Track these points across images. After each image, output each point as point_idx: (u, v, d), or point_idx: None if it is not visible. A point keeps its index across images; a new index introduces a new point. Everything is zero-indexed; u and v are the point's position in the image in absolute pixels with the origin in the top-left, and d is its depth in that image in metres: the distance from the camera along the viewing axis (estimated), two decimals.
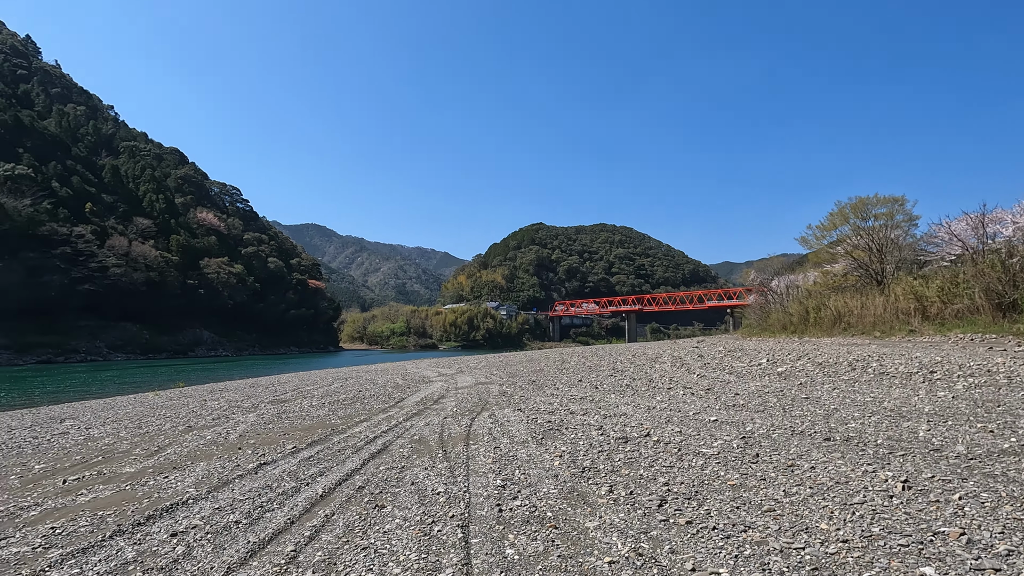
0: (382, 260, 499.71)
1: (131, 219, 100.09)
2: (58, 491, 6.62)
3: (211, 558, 4.15)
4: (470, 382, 18.55)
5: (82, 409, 19.28)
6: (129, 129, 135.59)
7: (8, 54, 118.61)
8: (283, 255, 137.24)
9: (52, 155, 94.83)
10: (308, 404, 14.55)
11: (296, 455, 7.87)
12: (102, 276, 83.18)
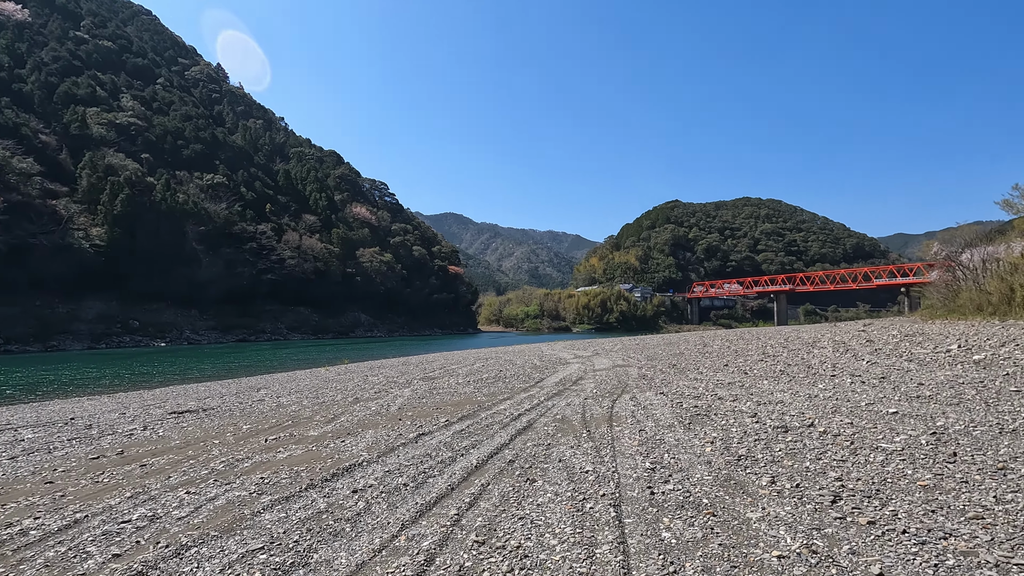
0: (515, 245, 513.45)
1: (301, 216, 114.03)
2: (262, 448, 7.83)
3: (387, 514, 4.63)
4: (607, 364, 18.42)
5: (271, 380, 22.58)
6: (296, 137, 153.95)
7: (205, 82, 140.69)
8: (425, 243, 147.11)
9: (240, 164, 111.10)
10: (455, 382, 15.53)
11: (449, 428, 8.45)
12: (280, 267, 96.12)
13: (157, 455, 7.82)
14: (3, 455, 8.82)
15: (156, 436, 9.65)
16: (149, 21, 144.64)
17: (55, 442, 9.74)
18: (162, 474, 6.58)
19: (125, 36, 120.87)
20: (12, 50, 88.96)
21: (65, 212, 70.63)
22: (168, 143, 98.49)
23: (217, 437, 9.03)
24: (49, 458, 8.34)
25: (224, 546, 4.11)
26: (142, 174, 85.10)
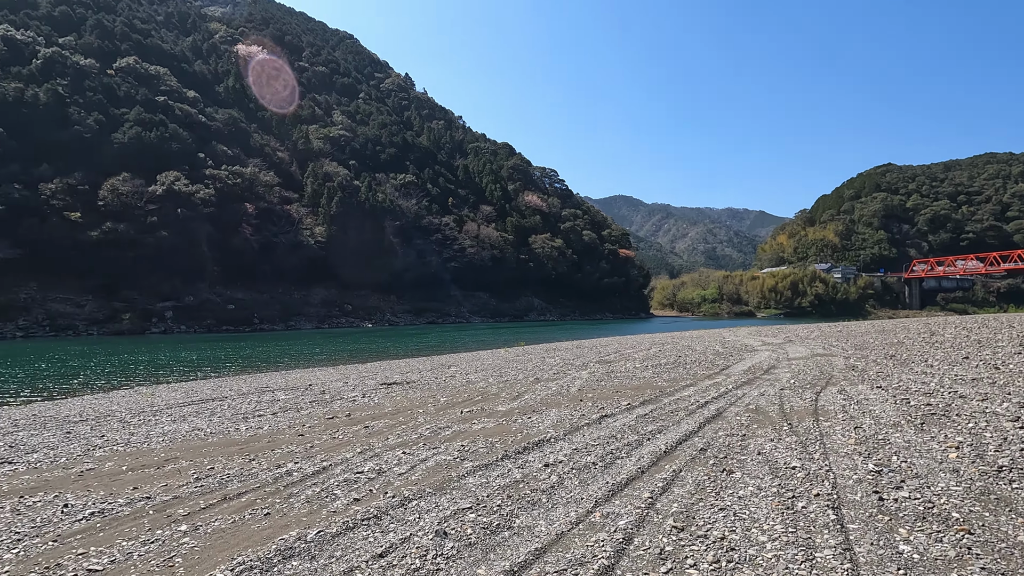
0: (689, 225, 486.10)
1: (478, 207, 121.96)
2: (459, 419, 8.60)
3: (579, 490, 4.75)
4: (803, 353, 16.53)
5: (458, 359, 24.67)
6: (473, 133, 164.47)
7: (395, 91, 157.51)
8: (595, 227, 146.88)
9: (426, 163, 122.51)
10: (632, 366, 15.30)
11: (631, 411, 8.36)
12: (462, 255, 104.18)
13: (376, 419, 9.07)
14: (268, 411, 11.02)
15: (373, 403, 11.19)
16: (352, 44, 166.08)
17: (301, 403, 11.88)
18: (381, 435, 7.60)
19: (334, 60, 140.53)
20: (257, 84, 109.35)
21: (296, 215, 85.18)
22: (369, 149, 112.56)
23: (421, 407, 10.15)
24: (298, 416, 10.19)
25: (438, 502, 4.60)
26: (350, 179, 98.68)
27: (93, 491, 5.60)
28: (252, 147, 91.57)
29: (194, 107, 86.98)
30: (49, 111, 67.99)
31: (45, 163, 64.11)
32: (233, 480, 5.67)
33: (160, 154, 72.74)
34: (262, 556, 3.64)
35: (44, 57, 73.75)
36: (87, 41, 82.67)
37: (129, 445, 8.27)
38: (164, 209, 67.77)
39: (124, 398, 16.37)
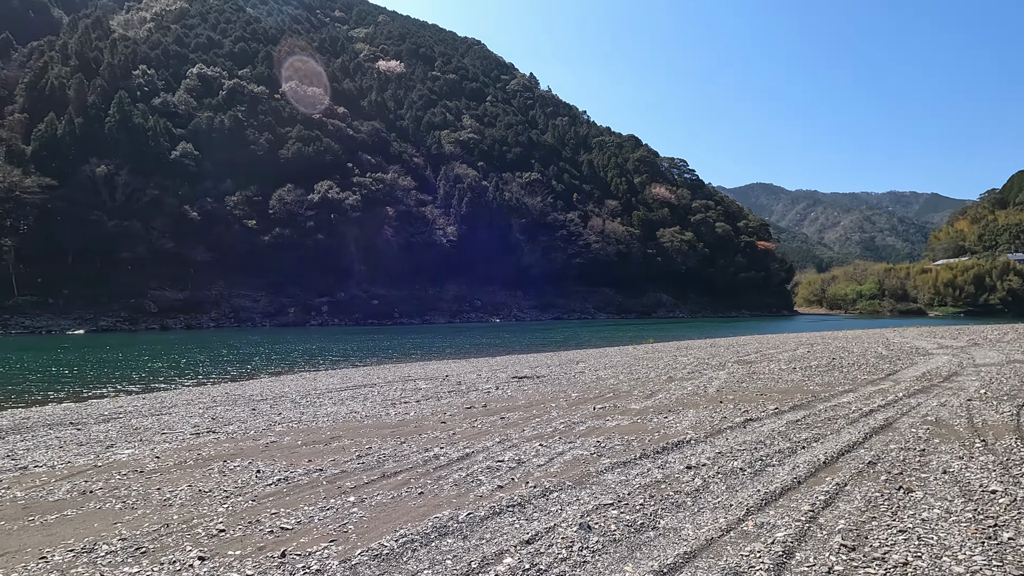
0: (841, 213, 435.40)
1: (603, 202, 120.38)
2: (592, 415, 8.58)
3: (726, 496, 4.50)
4: (995, 359, 14.06)
5: (586, 355, 24.61)
6: (597, 127, 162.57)
7: (520, 91, 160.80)
8: (729, 219, 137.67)
9: (551, 160, 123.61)
10: (776, 367, 14.13)
11: (780, 416, 7.73)
12: (586, 251, 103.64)
13: (510, 411, 9.37)
14: (412, 399, 11.91)
15: (506, 395, 11.59)
16: (479, 49, 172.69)
17: (440, 393, 12.66)
18: (517, 427, 7.85)
19: (464, 67, 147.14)
20: (395, 96, 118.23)
21: (431, 215, 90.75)
22: (496, 150, 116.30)
23: (552, 401, 10.30)
24: (439, 404, 10.88)
25: (578, 496, 4.65)
26: (479, 179, 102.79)
27: (277, 461, 6.47)
28: (392, 155, 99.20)
29: (343, 121, 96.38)
30: (232, 134, 79.55)
31: (228, 179, 75.15)
32: (389, 460, 6.21)
33: (316, 166, 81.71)
34: (420, 531, 3.95)
35: (228, 88, 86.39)
36: (259, 71, 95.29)
37: (301, 423, 9.43)
38: (320, 215, 76.05)
39: (292, 382, 18.68)
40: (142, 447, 7.88)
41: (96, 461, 7.04)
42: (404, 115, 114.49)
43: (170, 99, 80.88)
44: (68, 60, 76.69)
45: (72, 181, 63.08)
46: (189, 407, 12.55)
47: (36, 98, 71.00)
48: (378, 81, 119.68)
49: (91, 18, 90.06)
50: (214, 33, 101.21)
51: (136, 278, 63.45)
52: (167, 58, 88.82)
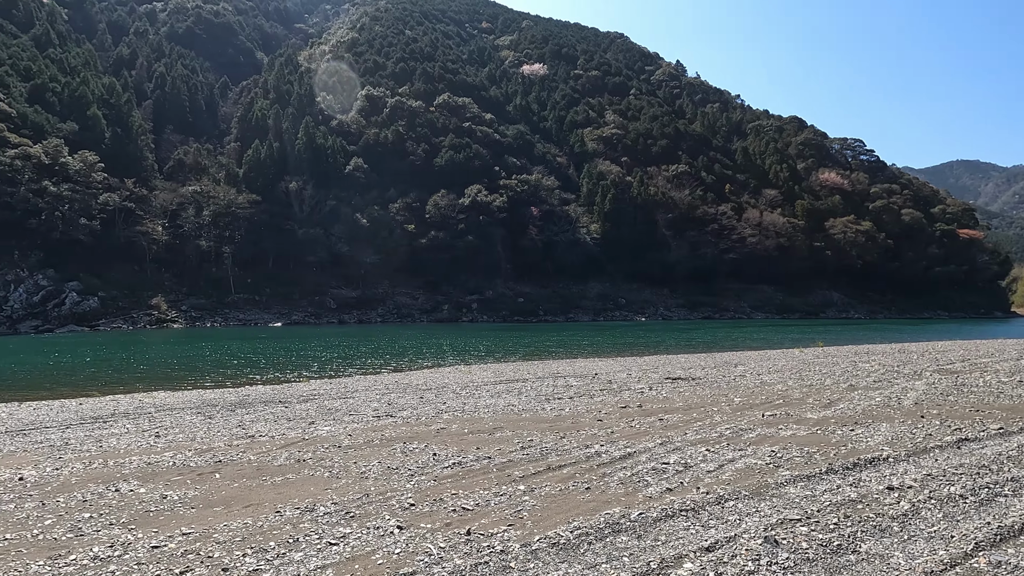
0: None
1: (760, 192, 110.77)
2: (761, 422, 7.97)
3: (945, 525, 3.90)
4: None
5: (744, 357, 22.88)
6: (753, 111, 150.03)
7: (666, 80, 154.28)
8: (919, 204, 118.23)
9: (699, 151, 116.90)
10: (994, 379, 11.83)
11: (1007, 438, 6.47)
12: (741, 245, 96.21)
13: (668, 413, 9.07)
14: (565, 395, 12.11)
15: (661, 396, 11.24)
16: (622, 42, 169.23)
17: (592, 391, 12.69)
18: (678, 429, 7.57)
19: (606, 62, 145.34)
20: (539, 98, 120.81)
21: (574, 214, 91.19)
22: (640, 144, 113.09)
23: (714, 405, 9.76)
24: (592, 402, 10.91)
25: (758, 507, 4.35)
26: (622, 175, 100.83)
27: (448, 446, 7.01)
28: (536, 156, 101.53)
29: (490, 127, 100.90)
30: (394, 147, 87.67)
31: (392, 188, 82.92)
32: (551, 453, 6.39)
33: (467, 171, 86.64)
34: (593, 525, 4.00)
35: (390, 106, 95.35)
36: (416, 88, 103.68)
37: (464, 412, 10.09)
38: (470, 218, 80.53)
39: (450, 374, 20.05)
40: (336, 426, 9.04)
41: (303, 435, 8.25)
42: (547, 116, 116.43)
43: (344, 120, 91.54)
44: (268, 94, 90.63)
45: (271, 196, 74.46)
46: (368, 393, 14.12)
47: (245, 128, 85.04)
48: (522, 85, 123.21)
49: (284, 56, 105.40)
50: (379, 57, 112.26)
51: (319, 278, 72.96)
52: (342, 83, 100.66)
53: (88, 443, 8.52)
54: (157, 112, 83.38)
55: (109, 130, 69.01)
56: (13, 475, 6.38)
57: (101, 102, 71.55)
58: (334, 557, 3.62)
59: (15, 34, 76.60)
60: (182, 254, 67.24)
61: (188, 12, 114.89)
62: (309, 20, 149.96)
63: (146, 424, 10.29)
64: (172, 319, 59.03)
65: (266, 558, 3.64)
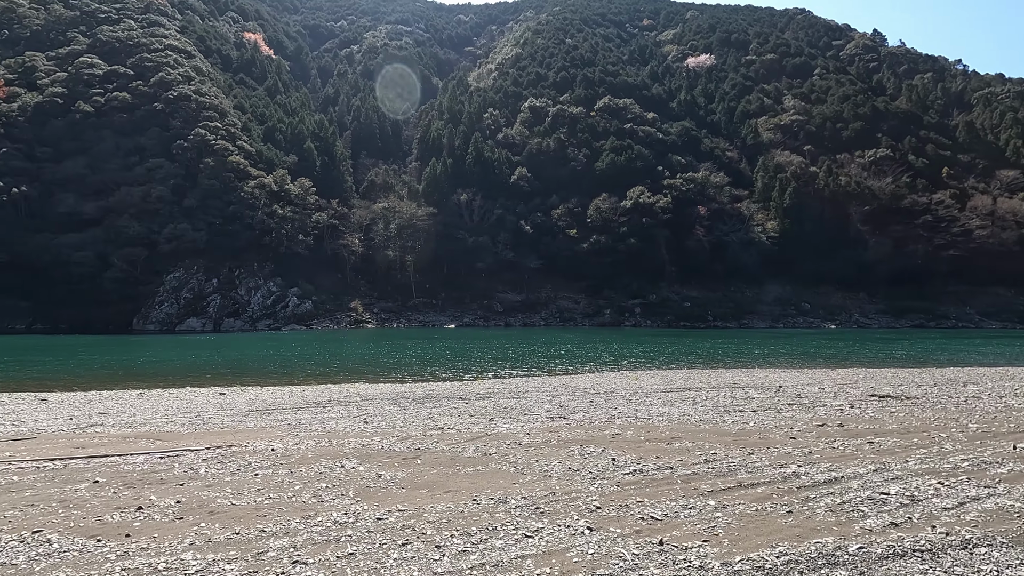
0: None
1: (992, 174, 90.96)
2: (1012, 456, 6.53)
3: None
4: None
5: (975, 375, 18.93)
6: (980, 77, 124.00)
7: (860, 54, 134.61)
8: None
9: (905, 131, 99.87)
10: None
11: None
12: (965, 240, 79.90)
13: (879, 435, 7.88)
14: (747, 407, 11.21)
15: (867, 416, 9.80)
16: (803, 18, 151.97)
17: (779, 405, 11.56)
18: (895, 456, 6.54)
19: (784, 43, 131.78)
20: (705, 91, 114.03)
21: (747, 212, 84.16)
22: (827, 129, 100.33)
23: (941, 431, 8.24)
24: (780, 417, 9.94)
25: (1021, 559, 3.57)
26: (805, 166, 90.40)
27: (626, 452, 6.93)
28: (702, 152, 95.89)
29: (652, 126, 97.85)
30: (555, 154, 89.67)
31: (554, 194, 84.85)
32: (739, 469, 5.97)
33: (628, 173, 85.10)
34: (803, 554, 3.65)
35: (552, 115, 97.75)
36: (577, 94, 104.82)
37: (636, 419, 9.91)
38: (632, 220, 78.88)
39: (616, 379, 19.81)
40: (514, 424, 9.51)
41: (486, 430, 8.82)
42: (715, 109, 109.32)
43: (509, 132, 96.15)
44: (442, 115, 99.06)
45: (446, 208, 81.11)
46: (538, 394, 14.60)
47: (424, 148, 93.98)
48: (686, 79, 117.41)
49: (455, 79, 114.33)
50: (540, 68, 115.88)
51: (487, 283, 77.47)
52: (507, 98, 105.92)
53: (315, 424, 10.12)
54: (355, 140, 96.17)
55: (319, 159, 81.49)
56: (267, 446, 7.83)
57: (313, 136, 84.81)
58: (531, 549, 3.81)
59: (253, 86, 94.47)
60: (374, 263, 76.48)
61: (378, 50, 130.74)
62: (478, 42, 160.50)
63: (355, 411, 11.88)
64: (366, 320, 67.47)
65: (471, 541, 3.97)
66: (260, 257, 67.95)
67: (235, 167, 68.66)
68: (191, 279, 63.49)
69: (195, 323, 59.93)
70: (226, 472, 6.23)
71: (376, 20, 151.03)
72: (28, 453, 7.73)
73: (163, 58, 77.68)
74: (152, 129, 69.76)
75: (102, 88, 71.76)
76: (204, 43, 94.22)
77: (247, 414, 11.77)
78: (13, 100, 67.97)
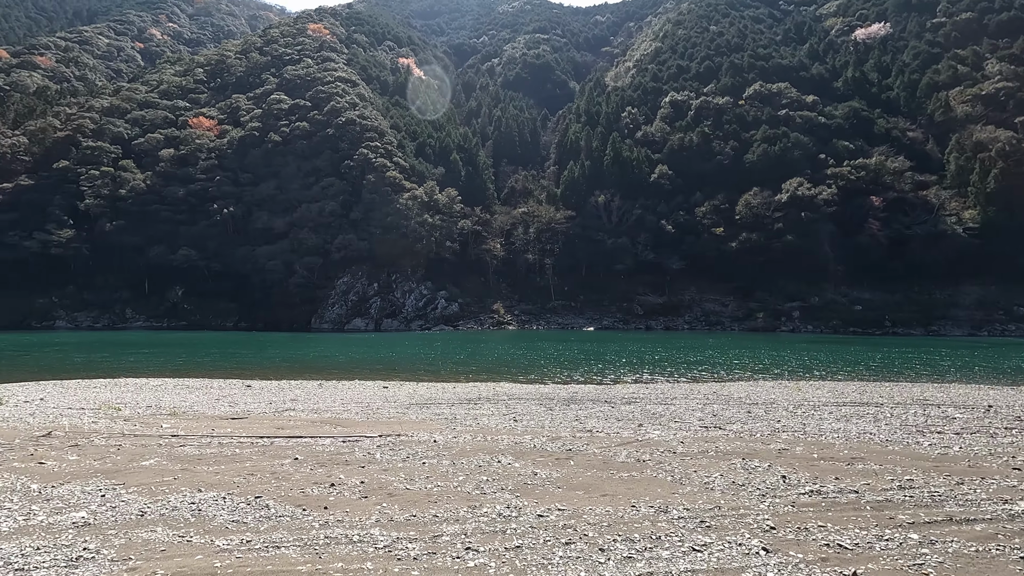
0: None
1: None
2: None
3: None
4: None
5: None
6: None
7: None
8: None
9: None
10: None
11: None
12: None
13: None
14: (947, 429, 9.56)
15: None
16: None
17: (991, 428, 9.68)
18: None
19: None
20: (878, 65, 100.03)
21: (935, 200, 72.11)
22: None
23: None
24: (994, 442, 8.33)
25: None
26: (1015, 142, 75.00)
27: (797, 470, 6.31)
28: (875, 134, 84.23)
29: (812, 111, 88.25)
30: (699, 149, 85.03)
31: (698, 191, 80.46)
32: (947, 501, 5.12)
33: (783, 163, 77.71)
34: None
35: (695, 107, 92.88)
36: (723, 83, 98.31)
37: (806, 434, 8.97)
38: (788, 215, 71.83)
39: (774, 389, 18.16)
40: (665, 431, 9.16)
41: (636, 436, 8.62)
42: (892, 84, 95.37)
43: (648, 130, 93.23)
44: (580, 118, 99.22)
45: (584, 211, 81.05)
46: (687, 401, 13.91)
47: (562, 152, 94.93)
48: (854, 54, 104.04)
49: (592, 81, 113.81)
50: (682, 60, 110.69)
51: (626, 285, 75.81)
52: (646, 95, 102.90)
53: (468, 420, 10.71)
54: (496, 149, 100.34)
55: (464, 169, 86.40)
56: (429, 438, 8.46)
57: (458, 148, 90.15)
58: (700, 564, 3.64)
59: (406, 106, 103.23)
60: (514, 266, 78.98)
61: (516, 60, 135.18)
62: (614, 42, 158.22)
63: (504, 409, 12.35)
64: (507, 322, 69.90)
65: (635, 548, 3.89)
66: (413, 263, 73.77)
67: (392, 181, 75.47)
68: (356, 283, 71.05)
69: (360, 323, 66.91)
70: (398, 459, 6.85)
71: (515, 32, 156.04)
72: (243, 430, 9.21)
73: (333, 89, 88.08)
74: (325, 152, 79.44)
75: (287, 120, 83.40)
76: (366, 72, 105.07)
77: (408, 407, 12.83)
78: (223, 136, 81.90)
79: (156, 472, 6.27)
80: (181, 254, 68.13)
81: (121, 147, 79.29)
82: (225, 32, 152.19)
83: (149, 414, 11.54)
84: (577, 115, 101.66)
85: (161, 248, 68.26)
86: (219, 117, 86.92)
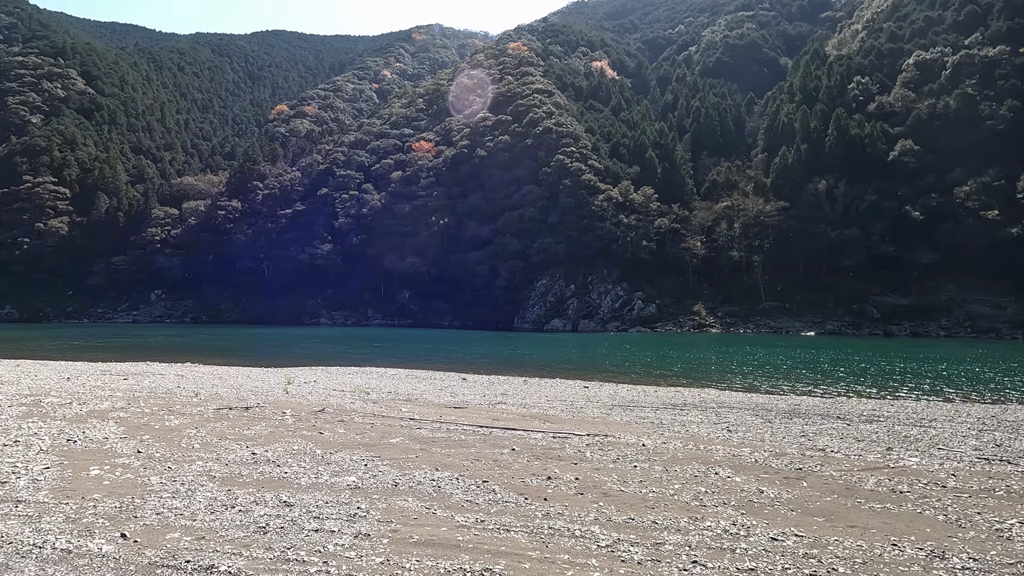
0: None
1: None
2: None
3: None
4: None
5: None
6: None
7: None
8: None
9: None
10: None
11: None
12: None
13: None
14: None
15: None
16: None
17: None
18: None
19: None
20: None
21: None
22: None
23: None
24: None
25: None
26: None
27: None
28: None
29: None
30: (958, 116, 69.03)
31: (957, 167, 65.34)
32: None
33: None
34: None
35: (951, 66, 75.71)
36: (995, 29, 78.35)
37: None
38: None
39: None
40: (926, 459, 7.60)
41: (885, 461, 7.30)
42: None
43: (885, 100, 78.73)
44: (793, 97, 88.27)
45: (799, 201, 71.85)
46: (954, 424, 11.35)
47: (771, 138, 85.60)
48: None
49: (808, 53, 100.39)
50: (931, 11, 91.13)
51: (857, 284, 64.99)
52: (880, 59, 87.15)
53: (675, 425, 10.27)
54: (694, 142, 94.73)
55: (660, 166, 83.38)
56: (636, 440, 8.32)
57: (654, 145, 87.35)
58: None
59: (600, 109, 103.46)
60: (717, 265, 73.57)
61: (716, 45, 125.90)
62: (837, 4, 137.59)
63: (714, 417, 11.57)
64: (710, 324, 65.42)
65: None
66: (608, 264, 73.83)
67: (587, 184, 76.62)
68: (554, 285, 73.73)
69: (557, 323, 69.26)
70: (608, 459, 6.87)
71: (714, 15, 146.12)
72: (464, 419, 10.19)
73: (531, 101, 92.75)
74: (524, 162, 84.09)
75: (491, 135, 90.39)
76: (561, 80, 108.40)
77: (611, 408, 12.82)
78: (439, 156, 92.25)
79: (401, 449, 7.29)
80: (407, 261, 78.71)
81: (363, 173, 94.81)
82: (439, 63, 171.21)
83: (390, 398, 13.49)
84: (791, 93, 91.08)
85: (392, 256, 79.70)
86: (435, 139, 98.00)
